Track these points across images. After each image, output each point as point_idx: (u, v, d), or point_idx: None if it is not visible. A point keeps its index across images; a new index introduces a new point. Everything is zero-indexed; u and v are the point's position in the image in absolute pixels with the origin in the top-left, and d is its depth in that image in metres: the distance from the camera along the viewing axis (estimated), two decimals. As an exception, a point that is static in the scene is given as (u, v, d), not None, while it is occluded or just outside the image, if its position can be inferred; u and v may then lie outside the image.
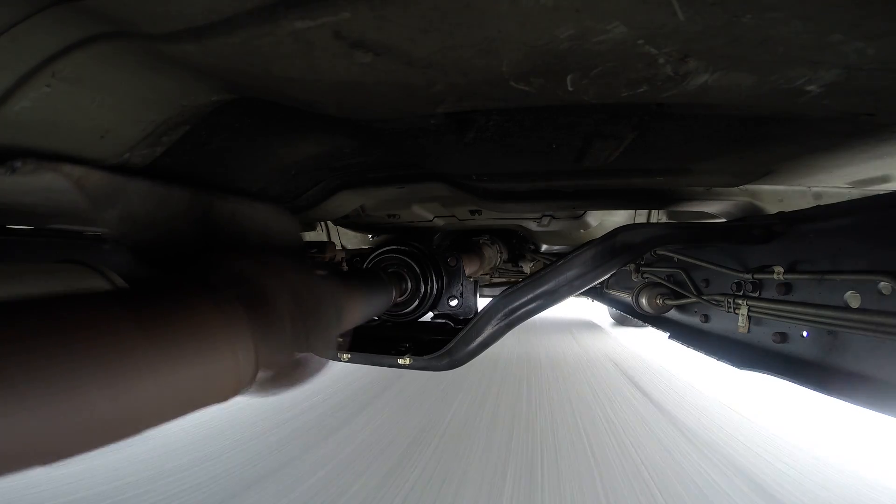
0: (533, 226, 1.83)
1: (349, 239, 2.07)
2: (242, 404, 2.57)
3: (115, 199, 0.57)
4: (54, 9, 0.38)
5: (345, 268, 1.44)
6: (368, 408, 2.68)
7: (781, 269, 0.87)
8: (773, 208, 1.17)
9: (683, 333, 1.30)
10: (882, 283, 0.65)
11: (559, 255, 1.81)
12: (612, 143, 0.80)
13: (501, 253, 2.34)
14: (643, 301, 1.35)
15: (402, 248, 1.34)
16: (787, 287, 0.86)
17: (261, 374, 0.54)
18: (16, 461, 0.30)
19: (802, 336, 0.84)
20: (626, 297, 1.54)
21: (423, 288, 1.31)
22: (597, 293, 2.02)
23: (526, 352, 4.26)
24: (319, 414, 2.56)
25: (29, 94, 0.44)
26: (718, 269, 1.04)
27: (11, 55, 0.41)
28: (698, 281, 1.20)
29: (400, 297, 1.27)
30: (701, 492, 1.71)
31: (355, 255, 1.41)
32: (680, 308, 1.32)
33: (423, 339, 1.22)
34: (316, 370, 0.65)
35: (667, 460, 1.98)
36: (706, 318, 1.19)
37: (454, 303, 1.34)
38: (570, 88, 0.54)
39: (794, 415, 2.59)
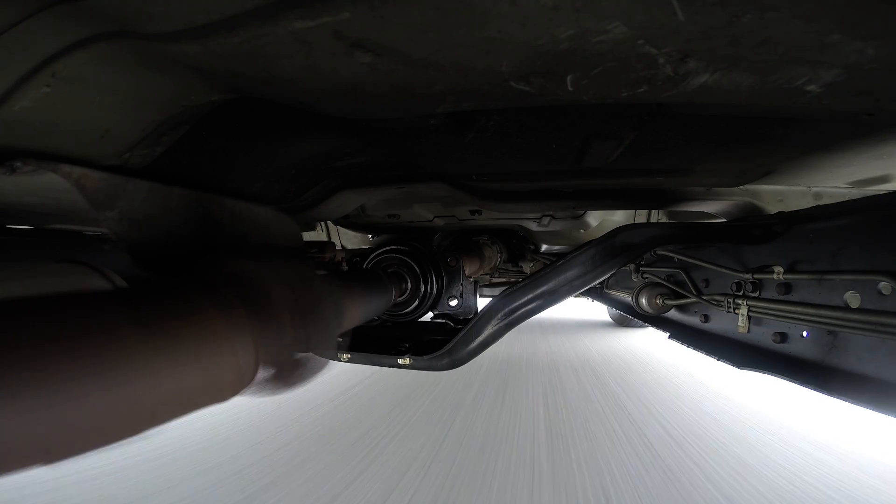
0: (533, 226, 1.83)
1: (349, 239, 2.07)
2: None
3: (115, 199, 0.57)
4: (54, 9, 0.38)
5: (345, 268, 1.44)
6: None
7: (781, 269, 0.87)
8: (773, 208, 1.17)
9: (683, 333, 1.30)
10: (882, 283, 0.65)
11: (559, 255, 1.81)
12: (612, 144, 0.80)
13: (501, 253, 2.34)
14: (643, 301, 1.35)
15: (402, 248, 1.34)
16: (786, 287, 0.86)
17: (261, 374, 0.54)
18: (16, 460, 0.30)
19: (802, 336, 0.84)
20: (626, 297, 1.54)
21: (423, 288, 1.31)
22: (597, 293, 2.02)
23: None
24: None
25: (29, 94, 0.44)
26: (718, 269, 1.04)
27: (11, 55, 0.41)
28: (698, 281, 1.20)
29: (400, 296, 1.27)
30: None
31: (355, 255, 1.41)
32: (680, 308, 1.32)
33: (423, 338, 1.22)
34: (316, 370, 0.65)
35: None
36: (706, 318, 1.20)
37: (454, 303, 1.34)
38: (570, 88, 0.54)
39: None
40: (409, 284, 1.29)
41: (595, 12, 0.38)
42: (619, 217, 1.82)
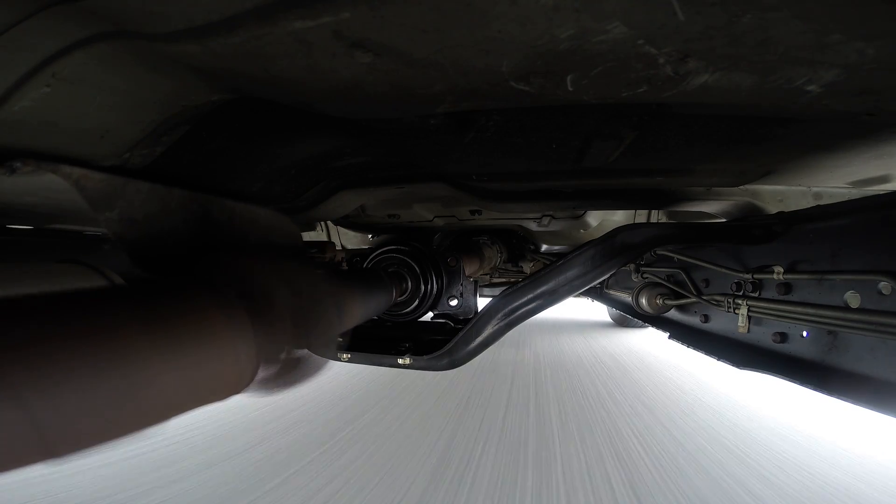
0: (533, 226, 1.83)
1: (349, 239, 2.07)
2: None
3: (115, 199, 0.57)
4: (54, 9, 0.38)
5: (345, 268, 1.44)
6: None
7: (781, 269, 0.87)
8: (773, 208, 1.17)
9: (683, 333, 1.30)
10: (882, 283, 0.65)
11: (559, 255, 1.81)
12: (612, 144, 0.80)
13: (501, 253, 2.34)
14: (643, 301, 1.35)
15: (403, 247, 1.34)
16: (786, 287, 0.86)
17: (261, 373, 0.54)
18: (17, 458, 0.30)
19: (802, 336, 0.84)
20: (626, 298, 1.54)
21: (423, 288, 1.31)
22: (597, 293, 2.02)
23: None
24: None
25: (29, 94, 0.44)
26: (718, 269, 1.04)
27: (11, 55, 0.41)
28: (698, 281, 1.20)
29: (400, 296, 1.27)
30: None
31: (355, 255, 1.41)
32: (680, 308, 1.32)
33: (423, 338, 1.22)
34: (316, 369, 0.65)
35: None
36: (706, 318, 1.19)
37: (454, 303, 1.34)
38: (570, 88, 0.54)
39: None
40: (410, 284, 1.29)
41: (595, 12, 0.38)
42: (619, 217, 1.82)
